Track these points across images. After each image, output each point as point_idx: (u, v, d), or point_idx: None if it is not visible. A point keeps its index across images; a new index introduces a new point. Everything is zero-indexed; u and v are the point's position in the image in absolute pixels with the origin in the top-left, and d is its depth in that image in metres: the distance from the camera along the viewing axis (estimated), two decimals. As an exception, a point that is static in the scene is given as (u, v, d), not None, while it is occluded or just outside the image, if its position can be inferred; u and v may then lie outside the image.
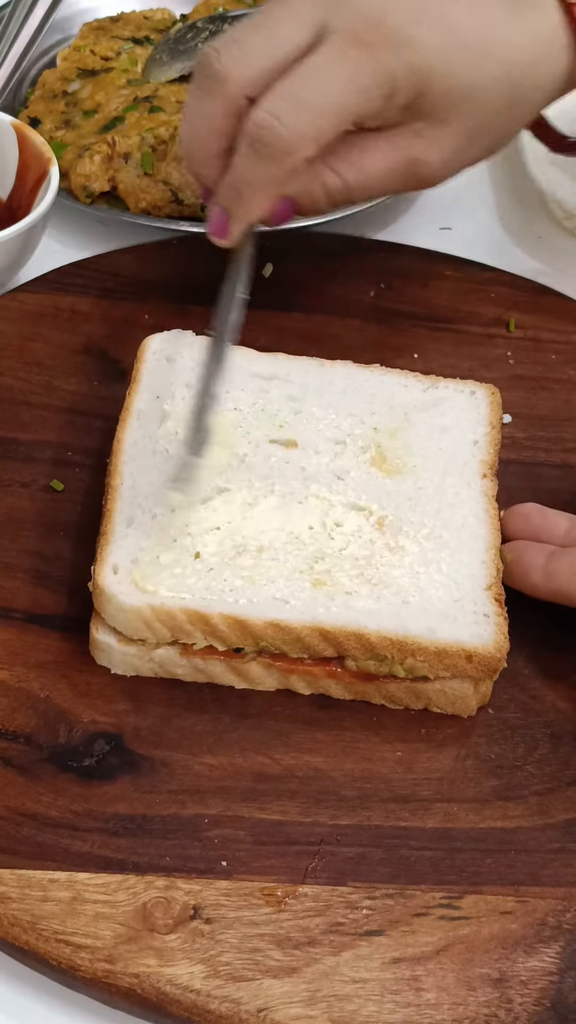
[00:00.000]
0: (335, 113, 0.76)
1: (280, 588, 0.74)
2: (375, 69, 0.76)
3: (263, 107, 0.75)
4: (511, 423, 0.90)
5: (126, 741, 0.73)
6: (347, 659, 0.74)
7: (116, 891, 0.66)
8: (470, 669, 0.73)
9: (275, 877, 0.68)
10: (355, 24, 0.76)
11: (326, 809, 0.71)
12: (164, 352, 0.86)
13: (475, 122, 0.81)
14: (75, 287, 0.98)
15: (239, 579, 0.74)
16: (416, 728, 0.75)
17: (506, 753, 0.75)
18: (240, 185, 0.78)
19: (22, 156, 0.99)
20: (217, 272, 0.83)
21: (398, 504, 0.79)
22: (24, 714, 0.73)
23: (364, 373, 0.87)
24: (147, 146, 1.06)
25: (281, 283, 1.00)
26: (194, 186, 1.03)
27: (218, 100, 0.77)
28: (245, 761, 0.72)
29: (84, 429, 0.88)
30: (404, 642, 0.73)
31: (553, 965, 0.66)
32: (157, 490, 0.78)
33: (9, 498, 0.84)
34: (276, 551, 0.76)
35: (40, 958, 0.64)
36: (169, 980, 0.63)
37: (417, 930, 0.67)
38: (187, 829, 0.69)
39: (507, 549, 0.78)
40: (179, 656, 0.74)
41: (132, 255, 1.01)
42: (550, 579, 0.76)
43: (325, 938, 0.66)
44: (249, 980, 0.64)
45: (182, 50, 1.17)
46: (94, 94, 1.12)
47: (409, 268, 1.02)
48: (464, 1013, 0.64)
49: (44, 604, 0.78)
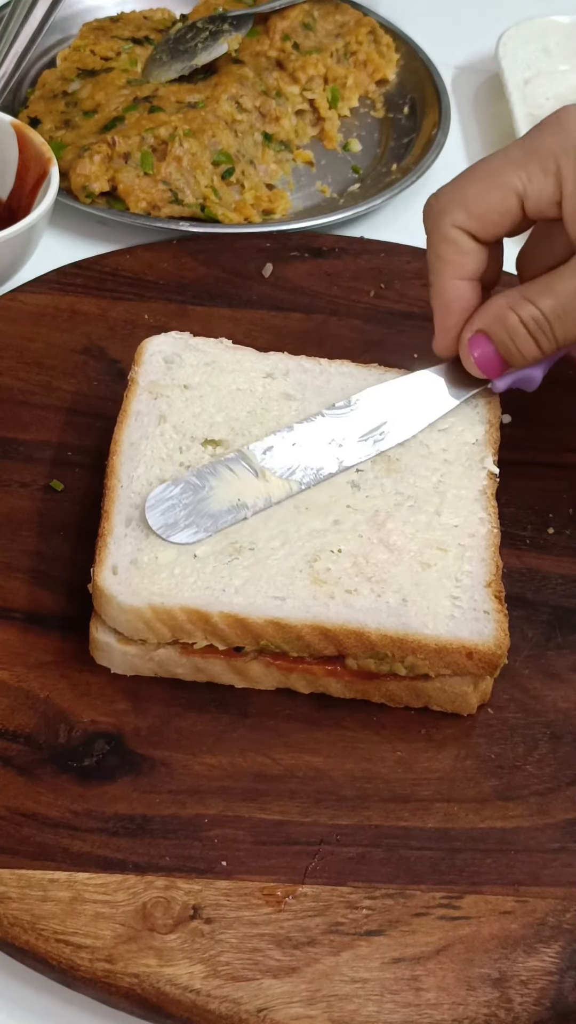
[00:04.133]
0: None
1: (280, 586, 0.74)
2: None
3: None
4: (511, 423, 0.90)
5: (126, 741, 0.72)
6: (347, 658, 0.74)
7: (116, 891, 0.66)
8: (471, 666, 0.73)
9: (275, 877, 0.68)
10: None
11: (326, 809, 0.71)
12: (162, 353, 0.86)
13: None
14: (75, 287, 0.98)
15: (239, 578, 0.74)
16: (416, 728, 0.75)
17: (506, 753, 0.75)
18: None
19: (22, 156, 0.99)
20: (217, 272, 0.83)
21: (398, 503, 0.79)
22: (24, 714, 0.73)
23: (364, 373, 0.87)
24: (147, 146, 1.06)
25: (281, 283, 1.00)
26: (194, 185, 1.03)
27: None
28: (245, 761, 0.72)
29: (84, 429, 0.88)
30: (404, 640, 0.73)
31: (553, 965, 0.66)
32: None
33: (9, 498, 0.84)
34: (275, 549, 0.76)
35: (40, 958, 0.64)
36: (169, 980, 0.63)
37: (417, 930, 0.66)
38: (187, 829, 0.69)
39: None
40: (179, 656, 0.74)
41: (132, 255, 1.01)
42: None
43: (325, 938, 0.66)
44: (249, 980, 0.64)
45: (182, 50, 1.17)
46: (94, 94, 1.12)
47: (409, 268, 1.02)
48: (464, 1013, 0.64)
49: (44, 604, 0.78)
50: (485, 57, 1.30)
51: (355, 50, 1.24)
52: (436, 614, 0.74)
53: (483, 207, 0.80)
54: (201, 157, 1.07)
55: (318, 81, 1.19)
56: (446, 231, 0.81)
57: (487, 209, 0.80)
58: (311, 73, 1.19)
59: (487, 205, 0.80)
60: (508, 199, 0.80)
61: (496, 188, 0.80)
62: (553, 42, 1.28)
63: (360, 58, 1.24)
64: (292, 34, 1.20)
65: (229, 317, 0.97)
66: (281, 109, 1.15)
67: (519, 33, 1.27)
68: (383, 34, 1.27)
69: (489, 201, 0.80)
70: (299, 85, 1.18)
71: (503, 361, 0.82)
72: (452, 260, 0.82)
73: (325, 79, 1.20)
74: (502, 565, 0.78)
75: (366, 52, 1.24)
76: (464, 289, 0.82)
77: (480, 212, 0.81)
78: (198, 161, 1.07)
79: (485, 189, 0.81)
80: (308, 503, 0.78)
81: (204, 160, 1.07)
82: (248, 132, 1.12)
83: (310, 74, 1.18)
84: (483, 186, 0.81)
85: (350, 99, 1.22)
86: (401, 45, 1.28)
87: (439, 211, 0.82)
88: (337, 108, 1.20)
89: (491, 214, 0.81)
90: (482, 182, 0.81)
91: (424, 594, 0.75)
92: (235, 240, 1.03)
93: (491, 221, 0.81)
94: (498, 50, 1.24)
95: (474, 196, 0.81)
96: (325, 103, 1.19)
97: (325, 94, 1.20)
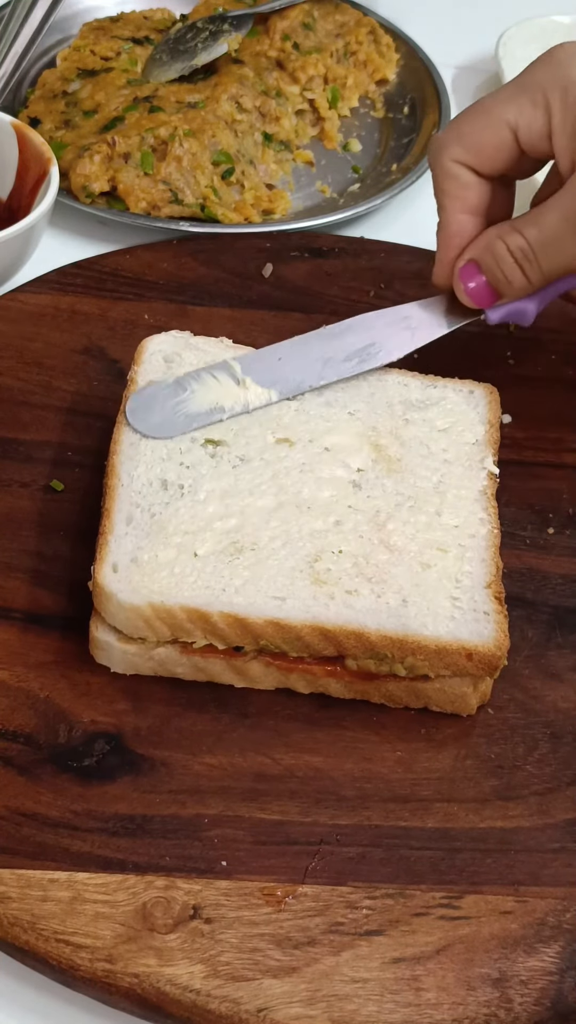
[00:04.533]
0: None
1: (280, 586, 0.74)
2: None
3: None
4: (511, 423, 0.90)
5: (126, 741, 0.72)
6: (347, 658, 0.74)
7: (116, 891, 0.66)
8: (470, 667, 0.73)
9: (275, 877, 0.68)
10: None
11: (326, 809, 0.71)
12: (162, 353, 0.86)
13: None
14: (75, 287, 0.98)
15: (239, 577, 0.74)
16: (416, 728, 0.75)
17: (506, 753, 0.75)
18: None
19: (22, 156, 0.99)
20: (217, 272, 0.83)
21: (398, 503, 0.79)
22: (24, 714, 0.73)
23: (364, 372, 0.87)
24: (147, 146, 1.06)
25: (281, 283, 1.00)
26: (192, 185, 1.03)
27: None
28: (245, 761, 0.72)
29: (84, 429, 0.88)
30: (404, 640, 0.73)
31: (553, 965, 0.66)
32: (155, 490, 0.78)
33: (9, 498, 0.84)
34: (276, 549, 0.76)
35: (40, 958, 0.64)
36: (169, 980, 0.63)
37: (417, 930, 0.66)
38: (187, 829, 0.69)
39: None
40: (179, 655, 0.74)
41: (132, 255, 1.01)
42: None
43: (325, 938, 0.66)
44: (249, 980, 0.64)
45: (182, 50, 1.17)
46: (94, 94, 1.12)
47: (409, 268, 1.02)
48: (464, 1013, 0.64)
49: (44, 604, 0.78)
50: (485, 57, 1.30)
51: (355, 50, 1.24)
52: (436, 615, 0.74)
53: (479, 141, 0.83)
54: (201, 157, 1.07)
55: (318, 81, 1.19)
56: (447, 166, 0.84)
57: (483, 143, 0.83)
58: (311, 73, 1.19)
59: (482, 139, 0.83)
60: (501, 132, 0.82)
61: (490, 123, 0.82)
62: (553, 42, 1.27)
63: (360, 58, 1.24)
64: (292, 34, 1.20)
65: (229, 317, 0.97)
66: (281, 109, 1.15)
67: (519, 33, 1.27)
68: (383, 34, 1.27)
69: (484, 135, 0.83)
70: (299, 85, 1.18)
71: (493, 291, 0.84)
72: (454, 194, 0.84)
73: (325, 79, 1.20)
74: (502, 566, 0.78)
75: (366, 52, 1.24)
76: (466, 223, 0.85)
77: (476, 146, 0.83)
78: (198, 161, 1.07)
79: (480, 124, 0.83)
80: (310, 503, 0.78)
81: (204, 160, 1.07)
82: (248, 132, 1.12)
83: (310, 74, 1.19)
84: (478, 121, 0.83)
85: (350, 99, 1.22)
86: (401, 45, 1.28)
87: (439, 147, 0.85)
88: (337, 108, 1.20)
89: (487, 148, 0.83)
90: (477, 117, 0.83)
91: (424, 595, 0.75)
92: (235, 240, 1.03)
93: (488, 155, 0.83)
94: (498, 50, 1.24)
95: (469, 131, 0.83)
96: (325, 103, 1.19)
97: (325, 94, 1.20)
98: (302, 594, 0.74)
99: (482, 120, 0.83)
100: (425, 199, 1.15)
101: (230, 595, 0.73)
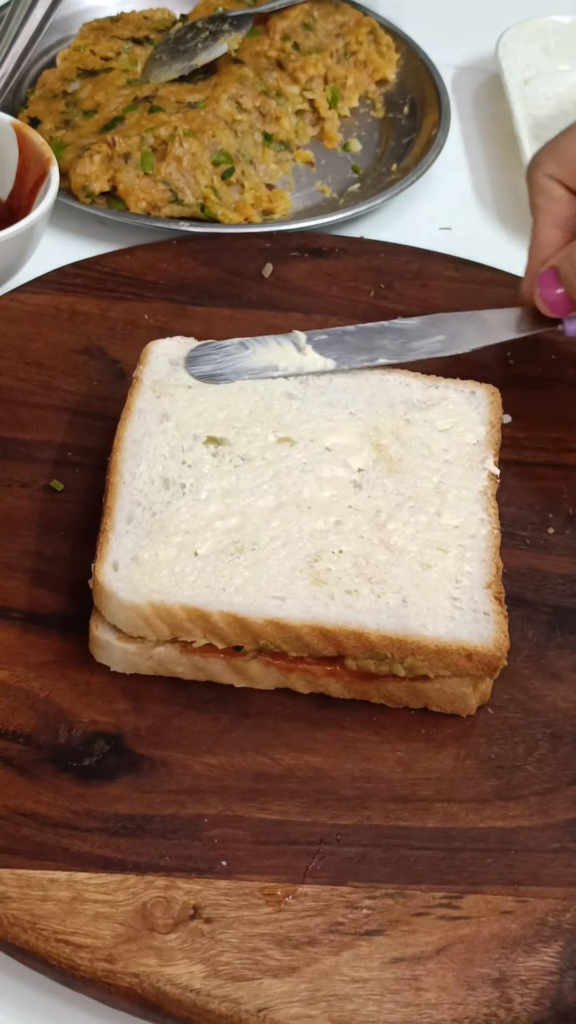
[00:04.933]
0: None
1: (280, 586, 0.74)
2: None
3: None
4: (511, 423, 0.90)
5: (126, 741, 0.72)
6: (347, 658, 0.74)
7: (116, 891, 0.66)
8: (470, 667, 0.73)
9: (275, 877, 0.68)
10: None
11: (326, 809, 0.71)
12: (168, 356, 0.86)
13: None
14: (75, 287, 0.98)
15: (239, 577, 0.74)
16: (416, 728, 0.75)
17: (506, 753, 0.75)
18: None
19: (22, 156, 0.99)
20: (217, 272, 0.83)
21: (398, 503, 0.79)
22: (24, 714, 0.73)
23: (364, 373, 0.87)
24: (147, 146, 1.06)
25: (281, 283, 1.00)
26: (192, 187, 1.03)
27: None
28: (245, 761, 0.72)
29: (84, 429, 0.88)
30: (404, 641, 0.73)
31: (553, 965, 0.66)
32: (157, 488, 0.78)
33: (9, 498, 0.84)
34: (276, 549, 0.76)
35: (40, 958, 0.64)
36: (169, 980, 0.63)
37: (417, 930, 0.66)
38: (187, 829, 0.69)
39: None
40: (179, 654, 0.74)
41: (132, 255, 1.01)
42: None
43: (325, 938, 0.66)
44: (249, 980, 0.64)
45: (182, 50, 1.17)
46: (94, 94, 1.12)
47: (409, 268, 1.02)
48: (464, 1013, 0.64)
49: (44, 604, 0.78)
50: (485, 57, 1.30)
51: (355, 50, 1.24)
52: (436, 615, 0.74)
53: (572, 158, 0.84)
54: (201, 157, 1.07)
55: (318, 81, 1.19)
56: (540, 181, 0.86)
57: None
58: (311, 73, 1.19)
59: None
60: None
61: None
62: (553, 42, 1.28)
63: (360, 58, 1.24)
64: (292, 34, 1.20)
65: (229, 317, 0.97)
66: (281, 109, 1.15)
67: (519, 33, 1.27)
68: (383, 34, 1.27)
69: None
70: (299, 85, 1.18)
71: (571, 301, 0.85)
72: (545, 208, 0.86)
73: (325, 79, 1.20)
74: (502, 566, 0.78)
75: (366, 52, 1.25)
76: (555, 237, 0.86)
77: (570, 162, 0.85)
78: (198, 161, 1.07)
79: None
80: (311, 503, 0.78)
81: (204, 160, 1.07)
82: (248, 132, 1.12)
83: (310, 74, 1.19)
84: (575, 139, 0.85)
85: (350, 99, 1.22)
86: (401, 45, 1.28)
87: (535, 163, 0.86)
88: (337, 108, 1.20)
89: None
90: (574, 136, 0.85)
91: (424, 595, 0.75)
92: (235, 240, 1.03)
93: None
94: (498, 50, 1.24)
95: (565, 146, 0.85)
96: (325, 103, 1.19)
97: (325, 94, 1.20)
98: (302, 594, 0.74)
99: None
100: (425, 199, 1.15)
101: (230, 594, 0.73)
